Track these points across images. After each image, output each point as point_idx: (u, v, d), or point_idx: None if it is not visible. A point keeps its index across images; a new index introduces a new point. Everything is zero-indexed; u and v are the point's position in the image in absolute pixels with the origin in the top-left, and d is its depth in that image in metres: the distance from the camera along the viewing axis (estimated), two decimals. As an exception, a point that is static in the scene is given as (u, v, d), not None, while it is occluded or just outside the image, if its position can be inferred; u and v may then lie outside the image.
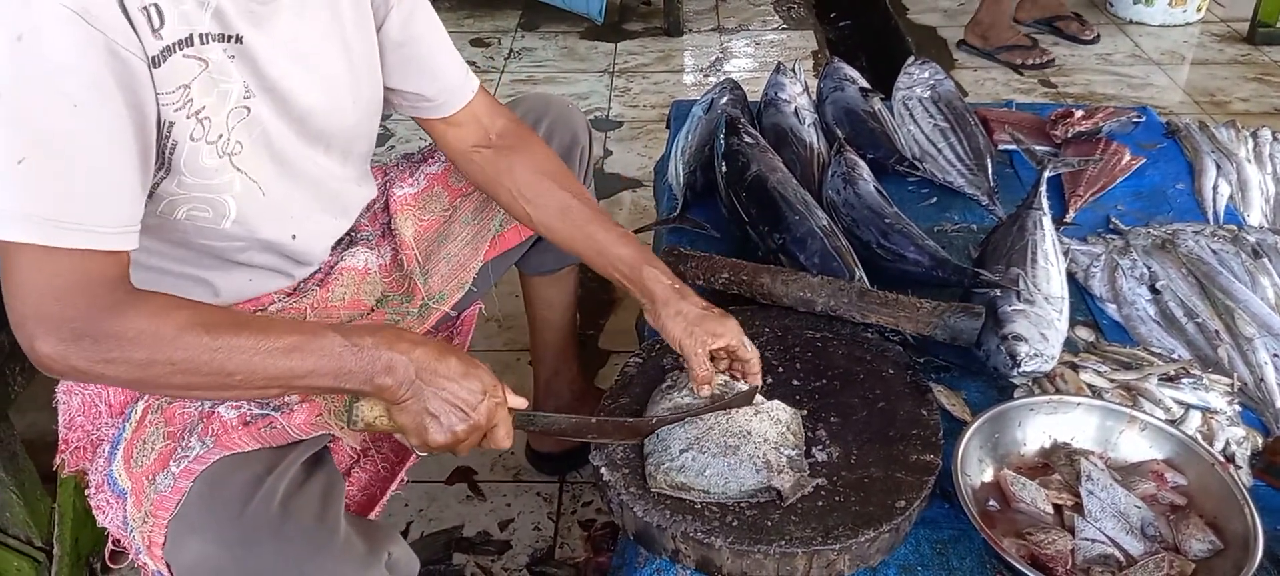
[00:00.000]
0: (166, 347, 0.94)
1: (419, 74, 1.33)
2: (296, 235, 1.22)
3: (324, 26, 1.16)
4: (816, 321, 1.44)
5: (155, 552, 1.05)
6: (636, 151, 3.23)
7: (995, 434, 1.22)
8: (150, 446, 1.10)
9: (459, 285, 1.46)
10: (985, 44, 3.74)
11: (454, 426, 1.07)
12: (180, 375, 0.96)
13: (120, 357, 0.94)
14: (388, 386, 1.04)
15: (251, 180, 1.12)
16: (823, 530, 1.07)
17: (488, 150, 1.39)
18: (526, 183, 1.36)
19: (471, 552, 1.83)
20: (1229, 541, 1.09)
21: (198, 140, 1.04)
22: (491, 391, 1.09)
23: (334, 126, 1.22)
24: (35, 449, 1.60)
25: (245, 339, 0.97)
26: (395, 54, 1.30)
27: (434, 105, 1.36)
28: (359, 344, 1.02)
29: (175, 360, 0.95)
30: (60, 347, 0.92)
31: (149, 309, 0.96)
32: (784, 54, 3.97)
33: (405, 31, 1.30)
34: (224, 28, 1.04)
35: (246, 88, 1.08)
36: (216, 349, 0.96)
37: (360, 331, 1.05)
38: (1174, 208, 1.84)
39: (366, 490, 1.32)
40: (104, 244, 0.94)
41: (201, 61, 1.02)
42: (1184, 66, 3.70)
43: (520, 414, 1.15)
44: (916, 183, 1.92)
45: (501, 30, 4.24)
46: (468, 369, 1.08)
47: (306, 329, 1.02)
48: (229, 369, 0.97)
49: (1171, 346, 1.46)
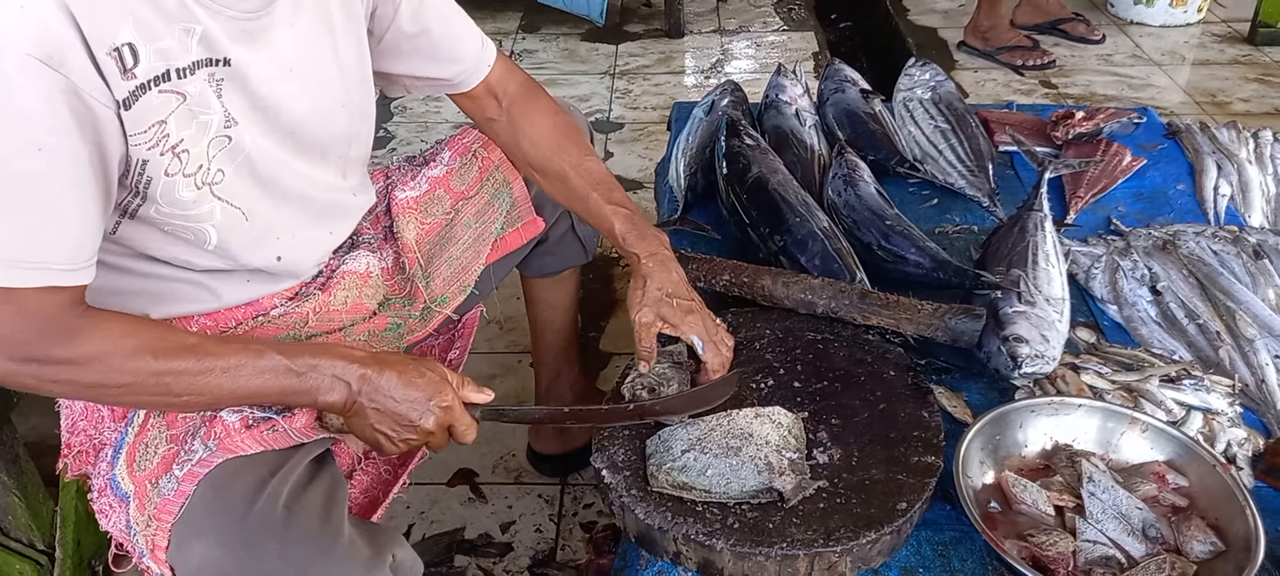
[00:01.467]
0: (115, 373, 0.99)
1: (435, 60, 1.35)
2: (281, 257, 1.22)
3: (314, 31, 1.16)
4: (817, 323, 1.44)
5: (159, 556, 1.05)
6: (637, 153, 3.23)
7: (996, 435, 1.22)
8: (153, 450, 1.10)
9: (461, 288, 1.46)
10: (986, 45, 3.74)
11: (402, 437, 1.11)
12: (129, 395, 1.02)
13: (69, 379, 0.99)
14: (332, 404, 1.08)
15: (233, 207, 1.12)
16: (824, 532, 1.07)
17: (502, 120, 1.43)
18: (532, 153, 1.43)
19: (473, 555, 1.83)
20: (1230, 543, 1.09)
21: (174, 175, 1.04)
22: (439, 396, 1.11)
23: (326, 134, 1.22)
24: (37, 452, 1.60)
25: (190, 363, 1.02)
26: (409, 44, 1.32)
27: (453, 85, 1.40)
28: (300, 367, 1.06)
29: (123, 384, 1.00)
30: (8, 365, 0.96)
31: (101, 335, 0.99)
32: (785, 55, 3.97)
33: (417, 22, 1.31)
34: (212, 53, 1.03)
35: (228, 116, 1.07)
36: (162, 373, 1.00)
37: (303, 351, 1.08)
38: (1175, 209, 1.84)
39: (368, 492, 1.32)
40: (63, 281, 0.95)
41: (180, 95, 1.01)
42: (1185, 67, 3.70)
43: (486, 408, 1.17)
44: (917, 184, 1.92)
45: (502, 32, 4.25)
46: (409, 381, 1.10)
47: (250, 351, 1.05)
48: (175, 390, 1.02)
49: (1173, 348, 1.46)
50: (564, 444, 1.95)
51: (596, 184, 1.39)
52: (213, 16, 1.02)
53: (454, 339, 1.54)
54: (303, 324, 1.26)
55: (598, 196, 1.38)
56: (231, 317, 1.22)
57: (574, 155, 1.41)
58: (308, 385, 1.06)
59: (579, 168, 1.40)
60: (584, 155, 1.43)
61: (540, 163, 1.42)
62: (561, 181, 1.41)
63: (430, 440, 1.13)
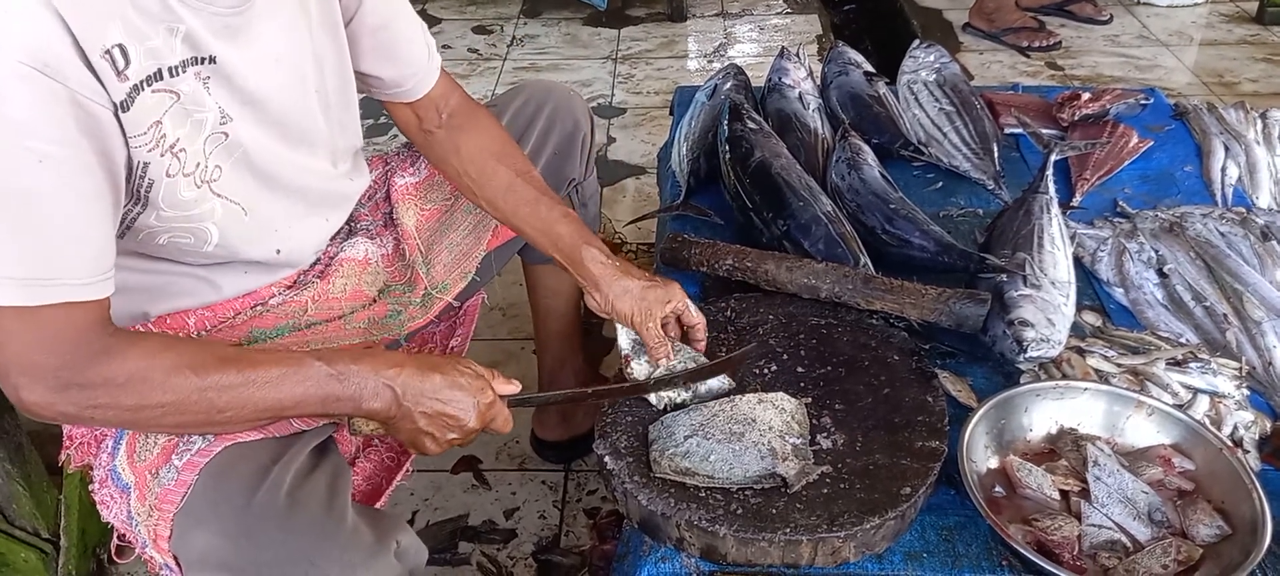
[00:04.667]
0: (155, 392, 0.97)
1: (392, 60, 1.33)
2: (281, 249, 1.22)
3: (293, 24, 1.14)
4: (821, 308, 1.43)
5: (162, 546, 1.06)
6: (640, 138, 3.22)
7: (1001, 420, 1.21)
8: (153, 441, 1.10)
9: (462, 274, 1.45)
10: (991, 26, 3.72)
11: (447, 437, 1.11)
12: (171, 415, 0.99)
13: (109, 403, 0.96)
14: (376, 410, 1.07)
15: (233, 203, 1.11)
16: (828, 517, 1.07)
17: (440, 131, 1.41)
18: (472, 161, 1.38)
19: (477, 541, 1.83)
20: (1237, 526, 1.09)
21: (175, 175, 1.03)
22: (480, 393, 1.11)
23: (312, 125, 1.21)
24: (41, 441, 1.60)
25: (232, 375, 1.00)
26: (370, 39, 1.29)
27: (403, 90, 1.37)
28: (343, 373, 1.05)
29: (165, 402, 0.97)
30: (48, 397, 0.94)
31: (137, 353, 0.97)
32: (788, 38, 3.95)
33: (380, 16, 1.28)
34: (196, 51, 1.01)
35: (222, 112, 1.06)
36: (205, 388, 0.98)
37: (344, 357, 1.06)
38: (1182, 190, 1.83)
39: (372, 480, 1.32)
40: (83, 295, 0.93)
41: (173, 94, 1.00)
42: (1192, 47, 3.67)
43: (515, 398, 1.18)
44: (922, 167, 1.91)
45: (504, 17, 4.23)
46: (453, 382, 1.10)
47: (291, 360, 1.04)
48: (219, 405, 0.99)
49: (1179, 330, 1.45)
50: (567, 430, 1.95)
51: (543, 191, 1.38)
52: (195, 14, 1.00)
53: (455, 326, 1.53)
54: (301, 312, 1.26)
55: (548, 201, 1.36)
56: (230, 309, 1.22)
57: (520, 163, 1.40)
58: (350, 391, 1.05)
59: (526, 175, 1.38)
60: (528, 166, 1.42)
61: (480, 172, 1.38)
62: (506, 189, 1.37)
63: (467, 438, 1.13)
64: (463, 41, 4.01)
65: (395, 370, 1.07)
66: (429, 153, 1.44)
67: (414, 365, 1.09)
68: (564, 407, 1.92)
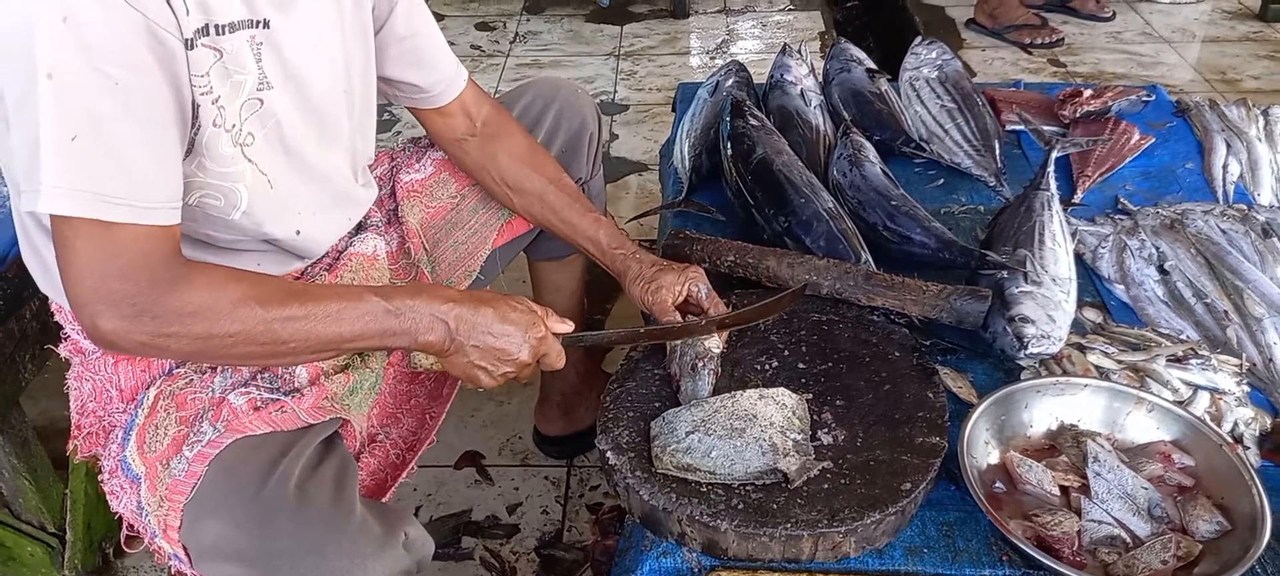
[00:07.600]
0: (224, 321, 0.99)
1: (419, 66, 1.36)
2: (300, 231, 1.23)
3: (328, 14, 1.17)
4: (822, 304, 1.44)
5: (172, 536, 1.06)
6: (643, 135, 3.22)
7: (1002, 416, 1.22)
8: (163, 431, 1.11)
9: (467, 272, 1.46)
10: (994, 23, 3.72)
11: (500, 370, 1.15)
12: (239, 345, 1.01)
13: (181, 331, 0.98)
14: (432, 343, 1.11)
15: (261, 172, 1.13)
16: (828, 513, 1.08)
17: (474, 139, 1.44)
18: (509, 170, 1.44)
19: (480, 536, 1.84)
20: (1237, 522, 1.09)
21: (218, 127, 1.06)
22: (532, 328, 1.16)
23: (336, 118, 1.23)
24: (46, 435, 1.62)
25: (296, 309, 1.03)
26: (398, 47, 1.32)
27: (430, 96, 1.40)
28: (399, 308, 1.09)
29: (233, 332, 1.00)
30: (123, 324, 0.96)
31: (205, 282, 0.99)
32: (790, 35, 3.95)
33: (408, 25, 1.32)
34: (252, 12, 1.05)
35: (263, 78, 1.08)
36: (271, 320, 1.01)
37: (399, 293, 1.10)
38: (1183, 187, 1.83)
39: (376, 476, 1.33)
40: (155, 219, 0.96)
41: (216, 51, 1.03)
42: (1195, 44, 3.67)
43: (569, 336, 1.22)
44: (923, 164, 1.91)
45: (506, 13, 4.23)
46: (505, 316, 1.14)
47: (350, 294, 1.08)
48: (283, 337, 1.02)
49: (1180, 327, 1.46)
50: (569, 426, 1.95)
51: (577, 197, 1.45)
52: None
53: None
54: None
55: (580, 207, 1.43)
56: None
57: (553, 171, 1.45)
58: (406, 325, 1.09)
59: (559, 182, 1.44)
60: (560, 172, 1.47)
61: (517, 178, 1.44)
62: (539, 197, 1.44)
63: (522, 372, 1.17)
64: (465, 38, 4.01)
65: (449, 305, 1.11)
66: (464, 162, 1.47)
67: (469, 300, 1.13)
68: (566, 403, 1.93)
